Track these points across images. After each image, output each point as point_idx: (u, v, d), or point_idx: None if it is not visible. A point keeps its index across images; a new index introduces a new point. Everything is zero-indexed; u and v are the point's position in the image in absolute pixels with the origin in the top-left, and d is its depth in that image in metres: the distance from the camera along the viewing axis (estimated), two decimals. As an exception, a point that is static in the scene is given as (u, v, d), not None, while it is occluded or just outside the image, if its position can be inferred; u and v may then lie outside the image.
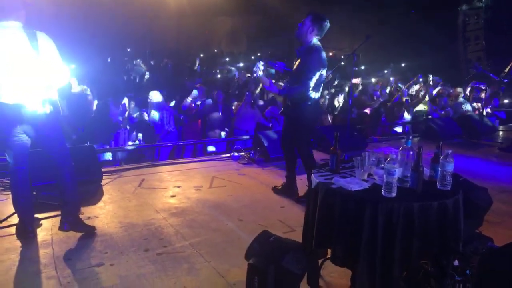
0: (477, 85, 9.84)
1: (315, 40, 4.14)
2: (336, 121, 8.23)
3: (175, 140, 7.17)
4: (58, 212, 3.86)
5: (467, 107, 9.07)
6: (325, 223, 2.42)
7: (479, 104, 9.09)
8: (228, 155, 6.38)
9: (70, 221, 3.46)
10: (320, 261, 2.73)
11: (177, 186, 4.92)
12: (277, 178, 4.97)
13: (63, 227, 3.45)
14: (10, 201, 4.23)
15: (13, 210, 3.80)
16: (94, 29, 14.99)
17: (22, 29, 3.16)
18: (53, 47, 3.26)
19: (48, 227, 3.68)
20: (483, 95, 9.02)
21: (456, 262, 2.33)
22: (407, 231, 2.23)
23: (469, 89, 10.14)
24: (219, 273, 3.00)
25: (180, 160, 6.25)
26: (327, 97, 9.08)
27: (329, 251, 2.67)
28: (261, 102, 8.54)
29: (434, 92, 10.22)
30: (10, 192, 4.42)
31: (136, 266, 3.07)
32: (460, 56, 15.84)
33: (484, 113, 8.66)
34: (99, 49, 14.95)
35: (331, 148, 2.79)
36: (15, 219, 3.72)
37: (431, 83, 10.99)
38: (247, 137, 6.99)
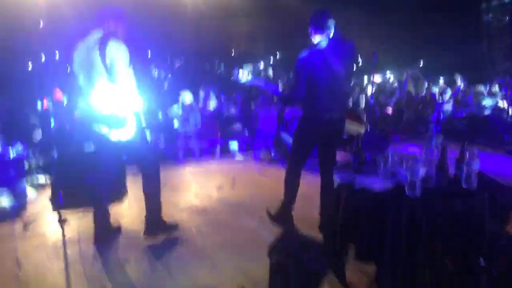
0: (503, 82, 9.60)
1: (319, 41, 3.53)
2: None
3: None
4: (85, 211, 3.96)
5: (489, 102, 8.84)
6: (348, 223, 2.42)
7: (505, 102, 8.87)
8: (249, 155, 6.41)
9: (148, 228, 3.55)
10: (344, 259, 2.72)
11: (199, 186, 4.98)
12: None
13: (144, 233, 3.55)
14: (38, 201, 4.37)
15: (41, 210, 3.93)
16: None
17: (98, 39, 3.09)
18: (121, 57, 3.07)
19: (75, 225, 3.77)
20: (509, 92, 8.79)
21: (482, 262, 2.29)
22: (431, 230, 2.21)
23: (497, 85, 9.88)
24: (242, 271, 3.02)
25: (202, 161, 6.31)
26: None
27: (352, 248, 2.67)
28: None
29: (461, 89, 10.06)
30: (39, 192, 4.60)
31: (159, 264, 3.12)
32: (484, 54, 15.49)
33: (511, 111, 8.45)
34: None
35: (353, 148, 2.78)
36: (43, 218, 3.85)
37: (458, 82, 10.79)
38: (269, 136, 6.99)
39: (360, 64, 11.68)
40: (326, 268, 2.47)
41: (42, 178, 4.98)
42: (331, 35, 3.53)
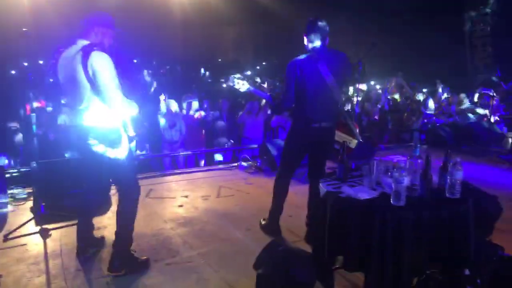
0: (485, 91, 9.79)
1: (310, 49, 3.51)
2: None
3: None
4: (68, 223, 3.88)
5: (472, 114, 9.03)
6: (335, 232, 2.41)
7: (487, 111, 9.03)
8: (235, 164, 6.39)
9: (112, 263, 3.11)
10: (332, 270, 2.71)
11: (185, 195, 4.93)
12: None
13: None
14: (20, 212, 4.28)
15: (23, 221, 3.84)
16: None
17: (80, 49, 2.81)
18: (105, 69, 2.79)
19: (57, 237, 3.69)
20: (491, 102, 8.97)
21: (466, 271, 2.30)
22: (416, 239, 2.22)
23: (477, 95, 10.08)
24: (228, 283, 2.99)
25: (187, 170, 6.27)
26: None
27: (339, 258, 2.67)
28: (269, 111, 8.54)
29: (443, 97, 10.22)
30: (20, 203, 4.51)
31: (145, 276, 3.07)
32: (467, 63, 15.79)
33: (493, 120, 8.61)
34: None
35: (339, 157, 2.79)
36: (25, 230, 3.76)
37: (440, 90, 10.97)
38: (255, 145, 6.99)
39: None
40: (314, 279, 2.46)
41: (24, 188, 4.87)
42: (320, 43, 3.47)
